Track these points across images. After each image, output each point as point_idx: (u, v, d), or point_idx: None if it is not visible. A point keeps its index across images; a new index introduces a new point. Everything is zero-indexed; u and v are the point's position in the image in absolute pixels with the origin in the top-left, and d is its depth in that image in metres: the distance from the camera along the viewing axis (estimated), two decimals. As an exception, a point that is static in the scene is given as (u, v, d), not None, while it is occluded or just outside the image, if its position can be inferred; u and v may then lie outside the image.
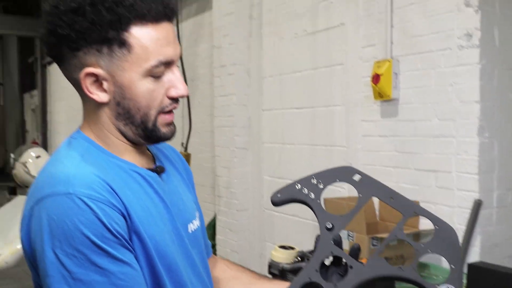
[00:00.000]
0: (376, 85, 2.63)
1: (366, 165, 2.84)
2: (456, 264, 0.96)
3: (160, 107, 0.97)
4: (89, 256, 0.83)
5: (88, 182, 0.86)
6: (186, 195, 1.11)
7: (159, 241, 0.93)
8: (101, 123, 0.97)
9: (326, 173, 1.12)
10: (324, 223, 1.05)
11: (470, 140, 2.30)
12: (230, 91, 3.89)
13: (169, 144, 1.20)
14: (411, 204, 1.06)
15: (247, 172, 3.88)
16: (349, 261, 1.01)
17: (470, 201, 2.30)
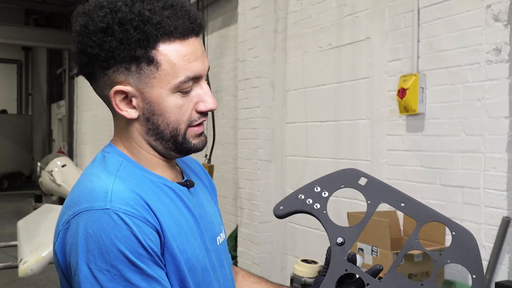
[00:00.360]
0: (402, 99, 2.62)
1: (390, 179, 2.81)
2: (478, 274, 0.92)
3: (189, 121, 0.97)
4: (122, 272, 0.83)
5: (125, 198, 0.87)
6: (212, 208, 1.12)
7: (190, 256, 0.94)
8: (132, 138, 0.99)
9: (329, 179, 1.06)
10: (335, 238, 1.01)
11: (499, 156, 2.26)
12: (254, 104, 3.91)
13: (193, 158, 1.21)
14: (425, 209, 1.00)
15: (270, 184, 3.88)
16: (366, 279, 0.97)
17: (498, 218, 2.25)
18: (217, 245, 1.06)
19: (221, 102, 4.72)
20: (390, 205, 1.03)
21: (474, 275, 0.93)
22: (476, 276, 0.93)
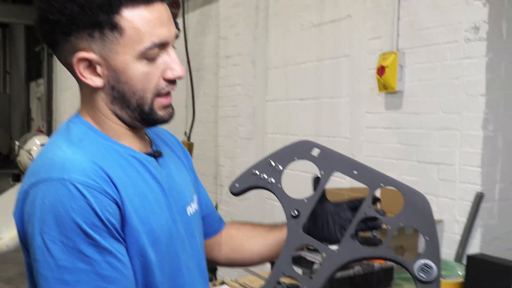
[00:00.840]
0: (381, 77, 2.63)
1: (369, 156, 2.85)
2: (431, 235, 0.91)
3: (157, 89, 0.95)
4: (76, 244, 0.82)
5: (84, 169, 0.85)
6: (184, 178, 1.10)
7: (155, 228, 0.93)
8: (97, 108, 0.96)
9: (282, 153, 1.06)
10: (289, 211, 1.00)
11: (475, 133, 2.30)
12: (235, 82, 3.90)
13: (167, 130, 1.20)
14: (377, 175, 1.00)
15: (250, 162, 3.86)
16: (321, 249, 0.98)
17: (472, 194, 2.30)
18: (187, 216, 1.05)
19: (202, 80, 4.69)
20: (343, 173, 1.03)
21: (427, 236, 0.92)
22: (429, 238, 0.92)
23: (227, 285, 2.08)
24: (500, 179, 2.35)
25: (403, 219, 0.95)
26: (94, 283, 0.83)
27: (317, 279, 0.94)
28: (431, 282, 0.89)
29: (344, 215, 1.06)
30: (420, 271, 0.90)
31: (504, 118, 2.34)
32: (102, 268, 0.83)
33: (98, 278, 0.83)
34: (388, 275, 2.10)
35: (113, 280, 0.84)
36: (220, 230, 1.25)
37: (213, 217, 1.25)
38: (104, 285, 0.83)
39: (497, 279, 1.86)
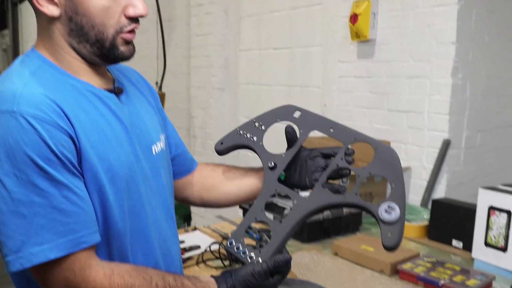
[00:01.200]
0: (353, 25, 2.61)
1: (340, 105, 2.86)
2: (397, 182, 0.98)
3: (118, 26, 0.93)
4: (30, 177, 0.81)
5: (35, 102, 0.83)
6: (149, 117, 1.09)
7: (114, 164, 0.92)
8: (54, 40, 0.93)
9: (266, 115, 1.15)
10: (267, 163, 1.07)
11: (444, 81, 2.32)
12: (207, 31, 3.81)
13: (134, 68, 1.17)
14: (351, 132, 1.08)
15: (223, 113, 3.87)
16: (293, 196, 1.03)
17: (439, 141, 2.35)
18: (152, 154, 1.04)
19: (173, 31, 4.57)
20: (320, 131, 1.10)
21: (394, 183, 0.98)
22: (395, 185, 0.98)
23: (199, 230, 2.10)
24: (467, 126, 2.40)
25: (372, 169, 1.01)
26: (50, 217, 0.82)
27: (286, 223, 0.99)
28: (394, 223, 0.93)
29: (317, 161, 1.08)
30: (383, 212, 0.94)
31: (473, 66, 2.37)
32: (59, 202, 0.83)
33: (55, 212, 0.82)
34: (356, 220, 2.15)
35: (70, 213, 0.84)
36: (192, 170, 1.26)
37: (185, 157, 1.25)
38: (62, 218, 0.83)
39: (460, 222, 1.93)
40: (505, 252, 1.68)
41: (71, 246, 0.83)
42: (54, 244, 0.82)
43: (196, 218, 4.09)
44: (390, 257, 1.71)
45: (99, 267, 0.87)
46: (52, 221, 0.82)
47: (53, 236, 0.82)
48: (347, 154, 1.05)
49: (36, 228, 0.81)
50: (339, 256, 1.83)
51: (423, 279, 1.57)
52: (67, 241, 0.83)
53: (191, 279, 0.95)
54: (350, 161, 1.04)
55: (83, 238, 0.85)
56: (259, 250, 0.97)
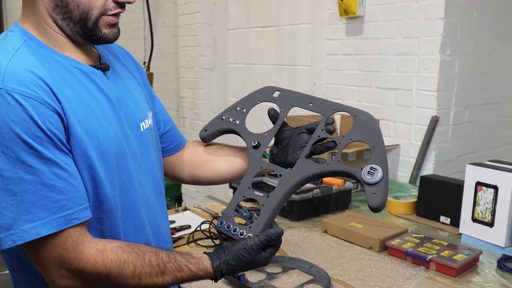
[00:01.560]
0: (342, 2, 2.58)
1: (329, 84, 2.85)
2: (377, 144, 0.99)
3: (104, 8, 0.93)
4: (18, 154, 0.80)
5: (21, 78, 0.82)
6: (137, 93, 1.08)
7: (102, 140, 0.91)
8: (39, 13, 0.92)
9: (247, 98, 1.17)
10: (250, 142, 1.10)
11: (432, 57, 2.31)
12: (194, 9, 3.76)
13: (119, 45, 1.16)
14: (330, 104, 1.10)
15: (212, 92, 3.84)
16: (278, 170, 1.05)
17: (427, 118, 2.35)
18: (140, 131, 1.04)
19: (160, 9, 4.50)
20: (300, 107, 1.12)
21: (374, 145, 0.99)
22: (375, 146, 0.99)
23: (190, 210, 2.11)
24: (455, 103, 2.41)
25: (352, 135, 1.02)
26: (41, 194, 0.82)
27: (274, 197, 1.01)
28: (377, 183, 0.94)
29: (302, 138, 1.09)
30: (366, 175, 0.95)
31: (461, 42, 2.36)
32: (49, 179, 0.82)
33: (45, 189, 0.82)
34: (346, 197, 2.17)
35: (61, 190, 0.83)
36: (182, 147, 1.26)
37: (174, 134, 1.25)
38: (52, 195, 0.82)
39: (447, 198, 1.95)
40: (491, 227, 1.70)
41: (63, 223, 0.83)
42: (46, 220, 0.82)
43: (187, 199, 4.10)
44: (378, 234, 1.72)
45: (92, 243, 0.88)
46: (43, 198, 0.82)
47: (45, 213, 0.82)
48: (327, 124, 1.06)
49: (27, 205, 0.81)
50: (329, 234, 1.84)
51: (411, 255, 1.58)
52: (58, 218, 0.83)
53: (184, 255, 0.96)
54: (331, 129, 1.05)
55: (74, 214, 0.85)
56: (250, 226, 0.98)
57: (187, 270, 0.94)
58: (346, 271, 1.52)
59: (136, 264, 0.89)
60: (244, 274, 1.42)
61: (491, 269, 1.57)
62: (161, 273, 0.92)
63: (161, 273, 0.92)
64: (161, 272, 0.92)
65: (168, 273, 0.92)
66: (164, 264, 0.92)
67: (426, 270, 1.53)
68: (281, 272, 1.49)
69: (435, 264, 1.53)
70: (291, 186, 1.01)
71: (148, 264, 0.90)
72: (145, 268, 0.90)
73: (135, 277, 0.89)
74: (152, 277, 0.91)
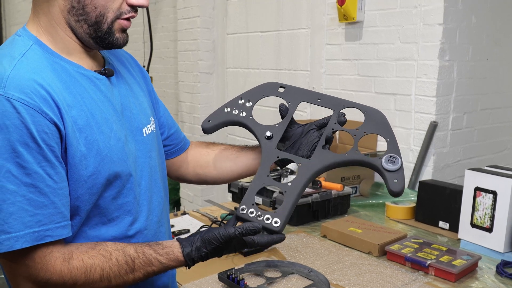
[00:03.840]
0: (341, 7, 2.59)
1: (328, 89, 2.86)
2: (391, 137, 1.06)
3: (119, 11, 0.94)
4: (5, 162, 0.80)
5: (22, 86, 0.82)
6: (140, 99, 1.09)
7: (102, 147, 0.91)
8: (51, 15, 0.92)
9: (252, 92, 1.18)
10: (263, 134, 1.11)
11: (431, 63, 2.32)
12: (194, 14, 3.77)
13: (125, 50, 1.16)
14: (339, 100, 1.14)
15: (211, 97, 3.85)
16: (296, 160, 1.08)
17: (426, 123, 2.36)
18: (143, 136, 1.04)
19: (159, 13, 4.51)
20: (308, 102, 1.15)
21: (388, 138, 1.06)
22: (389, 139, 1.06)
23: (189, 214, 2.10)
24: (453, 108, 2.42)
25: (366, 129, 1.08)
26: (19, 205, 0.81)
27: (296, 183, 1.03)
28: (397, 170, 1.01)
29: (313, 133, 1.12)
30: (387, 163, 1.02)
31: (459, 48, 2.37)
32: (29, 191, 0.81)
33: (24, 201, 0.81)
34: (345, 202, 2.17)
35: (39, 205, 0.82)
36: (186, 148, 1.28)
37: (178, 136, 1.26)
38: (30, 208, 0.81)
39: (446, 203, 1.95)
40: (490, 233, 1.70)
41: (36, 238, 0.82)
42: (21, 234, 0.81)
43: (185, 203, 4.09)
44: (378, 239, 1.72)
45: (59, 252, 0.86)
46: (20, 210, 0.81)
47: (20, 225, 0.81)
48: (340, 117, 1.10)
49: (5, 215, 0.80)
50: (328, 238, 1.84)
51: (410, 260, 1.58)
52: (32, 232, 0.82)
53: (153, 246, 0.95)
54: (343, 121, 1.10)
55: (48, 231, 0.83)
56: (275, 211, 0.98)
57: (157, 263, 0.93)
58: (345, 276, 1.52)
59: (103, 267, 0.88)
60: (244, 278, 1.42)
61: (490, 274, 1.57)
62: (130, 271, 0.91)
63: (131, 270, 0.91)
64: (130, 270, 0.91)
65: (138, 269, 0.91)
66: (133, 261, 0.91)
67: (425, 275, 1.53)
68: (280, 277, 1.49)
69: (434, 269, 1.53)
70: (312, 174, 1.05)
71: (115, 264, 0.89)
72: (113, 268, 0.89)
73: (104, 280, 0.88)
74: (122, 276, 0.90)
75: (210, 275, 1.50)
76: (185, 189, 4.08)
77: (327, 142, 1.09)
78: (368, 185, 2.42)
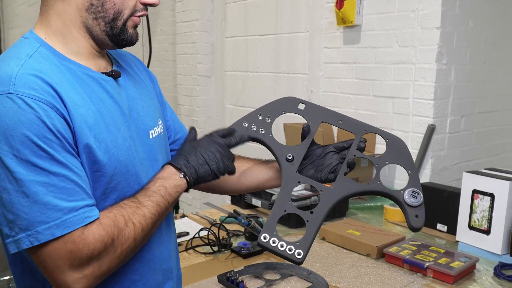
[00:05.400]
0: (339, 11, 2.61)
1: (327, 92, 2.87)
2: (412, 169, 1.07)
3: (134, 9, 0.97)
4: (29, 157, 0.81)
5: (30, 83, 0.84)
6: (148, 101, 1.09)
7: (111, 147, 0.92)
8: (66, 14, 0.94)
9: (271, 107, 1.16)
10: (284, 155, 1.09)
11: (428, 66, 2.34)
12: (192, 17, 3.78)
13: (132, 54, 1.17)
14: (360, 123, 1.14)
15: (209, 100, 3.86)
16: (318, 187, 1.06)
17: (424, 126, 2.37)
18: (149, 138, 1.05)
19: (158, 17, 4.52)
20: (329, 123, 1.15)
21: (410, 171, 1.06)
22: (411, 172, 1.06)
23: (188, 217, 2.11)
24: (451, 111, 2.43)
25: (388, 159, 1.08)
26: (52, 195, 0.82)
27: (318, 213, 1.01)
28: (419, 206, 1.03)
29: (332, 156, 1.13)
30: (410, 197, 1.03)
31: (457, 51, 2.39)
32: (60, 180, 0.83)
33: (56, 190, 0.82)
34: (343, 205, 2.18)
35: (71, 192, 0.84)
36: None
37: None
38: (63, 196, 0.83)
39: (444, 206, 1.96)
40: (488, 235, 1.71)
41: (76, 222, 0.84)
42: (60, 221, 0.82)
43: (184, 206, 4.10)
44: (376, 241, 1.73)
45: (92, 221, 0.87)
46: (55, 199, 0.82)
47: (58, 213, 0.82)
48: (360, 142, 1.10)
49: (40, 206, 0.81)
50: (326, 241, 1.85)
51: (409, 262, 1.59)
52: (72, 217, 0.83)
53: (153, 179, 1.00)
54: (362, 147, 1.10)
55: (86, 213, 0.85)
56: (297, 243, 0.98)
57: (155, 185, 0.97)
58: (344, 278, 1.53)
59: (123, 213, 0.90)
60: (243, 281, 1.42)
61: (488, 276, 1.58)
62: (139, 205, 0.92)
63: (139, 204, 0.93)
64: (139, 204, 0.93)
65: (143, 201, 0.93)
66: (136, 198, 0.94)
67: (424, 277, 1.54)
68: (280, 279, 1.50)
69: (432, 272, 1.54)
70: (334, 203, 1.03)
71: (127, 207, 0.92)
72: (128, 210, 0.91)
73: (129, 223, 0.90)
74: (137, 212, 0.91)
75: (209, 277, 1.51)
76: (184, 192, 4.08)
77: (349, 168, 1.08)
78: (367, 187, 2.43)
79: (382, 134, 1.12)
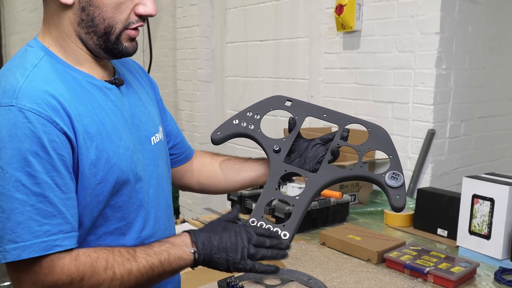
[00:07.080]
0: (339, 16, 2.62)
1: (327, 97, 2.88)
2: (393, 154, 1.11)
3: (127, 22, 0.95)
4: (15, 171, 0.80)
5: (33, 96, 0.84)
6: (149, 108, 1.10)
7: (111, 156, 0.92)
8: (62, 28, 0.94)
9: (260, 104, 1.22)
10: (271, 147, 1.15)
11: (428, 71, 2.34)
12: (193, 23, 3.79)
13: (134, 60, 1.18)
14: (344, 116, 1.19)
15: (209, 105, 3.86)
16: (303, 174, 1.11)
17: (424, 131, 2.37)
18: (151, 144, 1.06)
19: (159, 22, 4.54)
20: (314, 116, 1.20)
21: (391, 155, 1.11)
22: (392, 156, 1.11)
23: (188, 222, 2.11)
24: (451, 116, 2.43)
25: (370, 145, 1.14)
26: (28, 215, 0.81)
27: (303, 197, 1.07)
28: (399, 187, 1.06)
29: (318, 148, 1.16)
30: (390, 179, 1.07)
31: (456, 56, 2.40)
32: (38, 201, 0.82)
33: (32, 210, 0.81)
34: (343, 210, 2.18)
35: (47, 215, 0.83)
36: (190, 157, 1.30)
37: (183, 146, 1.28)
38: (38, 218, 0.82)
39: (444, 211, 1.96)
40: (488, 240, 1.71)
41: (45, 248, 0.82)
42: (28, 244, 0.81)
43: (184, 211, 4.09)
44: (376, 246, 1.73)
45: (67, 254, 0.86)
46: (29, 220, 0.81)
47: (28, 235, 0.80)
48: (343, 132, 1.15)
49: (13, 224, 0.80)
50: (327, 246, 1.85)
51: (409, 267, 1.59)
52: (40, 243, 0.81)
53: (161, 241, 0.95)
54: (345, 136, 1.14)
55: (57, 241, 0.83)
56: (283, 224, 1.03)
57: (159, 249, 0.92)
58: (344, 283, 1.53)
59: (107, 258, 0.87)
60: (243, 286, 1.42)
61: (488, 281, 1.58)
62: (132, 258, 0.89)
63: (132, 257, 0.89)
64: (132, 257, 0.89)
65: (140, 256, 0.90)
66: (134, 250, 0.91)
67: (424, 283, 1.54)
68: (280, 284, 1.50)
69: (432, 277, 1.54)
70: (318, 188, 1.09)
71: (118, 254, 0.89)
72: (116, 258, 0.88)
73: (109, 270, 0.86)
74: (125, 264, 0.87)
75: (209, 283, 1.51)
76: (184, 197, 4.08)
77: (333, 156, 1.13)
78: (367, 192, 2.43)
79: (364, 124, 1.17)
